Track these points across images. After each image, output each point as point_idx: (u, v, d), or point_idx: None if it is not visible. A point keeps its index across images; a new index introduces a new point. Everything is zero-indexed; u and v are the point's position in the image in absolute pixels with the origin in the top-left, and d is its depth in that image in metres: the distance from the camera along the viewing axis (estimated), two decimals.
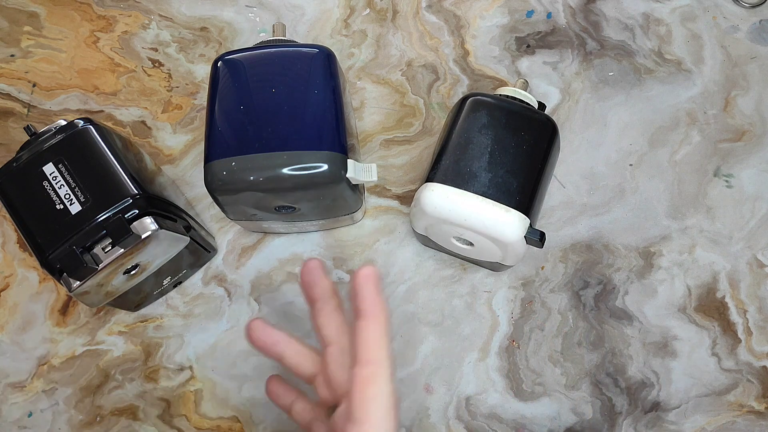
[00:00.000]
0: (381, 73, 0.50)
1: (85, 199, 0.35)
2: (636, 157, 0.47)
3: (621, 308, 0.43)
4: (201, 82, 0.50)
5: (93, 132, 0.37)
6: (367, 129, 0.48)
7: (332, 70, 0.40)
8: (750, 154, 0.47)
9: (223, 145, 0.37)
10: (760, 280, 0.44)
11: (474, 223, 0.37)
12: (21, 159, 0.36)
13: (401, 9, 0.52)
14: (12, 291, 0.44)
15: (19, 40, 0.51)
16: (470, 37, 0.51)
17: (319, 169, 0.36)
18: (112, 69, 0.50)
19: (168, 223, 0.37)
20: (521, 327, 0.43)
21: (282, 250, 0.45)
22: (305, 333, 0.43)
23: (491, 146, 0.38)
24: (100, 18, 0.52)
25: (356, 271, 0.30)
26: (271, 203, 0.39)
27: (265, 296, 0.44)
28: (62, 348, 0.43)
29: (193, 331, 0.44)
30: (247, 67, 0.39)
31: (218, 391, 0.42)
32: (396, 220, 0.46)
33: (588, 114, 0.48)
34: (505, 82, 0.49)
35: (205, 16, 0.52)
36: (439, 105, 0.49)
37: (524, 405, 0.42)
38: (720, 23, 0.51)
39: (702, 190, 0.46)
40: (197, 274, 0.45)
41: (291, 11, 0.52)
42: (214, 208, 0.46)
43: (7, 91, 0.50)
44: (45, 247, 0.35)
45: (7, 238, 0.46)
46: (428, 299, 0.44)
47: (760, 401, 0.41)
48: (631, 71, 0.49)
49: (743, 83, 0.49)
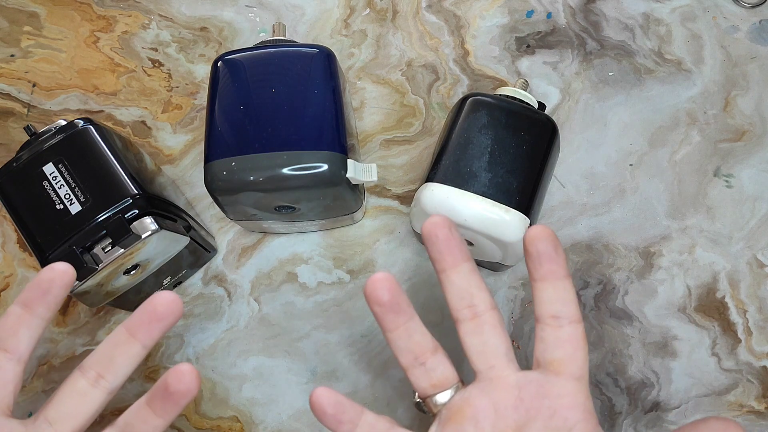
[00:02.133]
0: (381, 73, 0.50)
1: (85, 199, 0.35)
2: (636, 157, 0.47)
3: (621, 308, 0.43)
4: (201, 82, 0.50)
5: (93, 132, 0.37)
6: (367, 129, 0.48)
7: (332, 70, 0.40)
8: (750, 154, 0.47)
9: (223, 145, 0.37)
10: (760, 280, 0.44)
11: (474, 223, 0.37)
12: (21, 159, 0.36)
13: (401, 9, 0.52)
14: (12, 291, 0.44)
15: (19, 40, 0.51)
16: (470, 37, 0.51)
17: (319, 169, 0.36)
18: (112, 69, 0.50)
19: (168, 223, 0.37)
20: (521, 327, 0.43)
21: (282, 250, 0.45)
22: (305, 333, 0.43)
23: (491, 146, 0.38)
24: (100, 18, 0.52)
25: (529, 232, 0.30)
26: (271, 203, 0.39)
27: (265, 296, 0.44)
28: (62, 348, 0.43)
29: (192, 331, 0.44)
30: (247, 67, 0.39)
31: (218, 391, 0.42)
32: (396, 220, 0.46)
33: (588, 114, 0.48)
34: (505, 82, 0.49)
35: (205, 16, 0.52)
36: (439, 105, 0.49)
37: None
38: (720, 23, 0.51)
39: (702, 190, 0.46)
40: (197, 274, 0.45)
41: (291, 11, 0.52)
42: (214, 208, 0.46)
43: (7, 91, 0.50)
44: (45, 247, 0.35)
45: (7, 238, 0.46)
46: (428, 299, 0.44)
47: (760, 401, 0.41)
48: (631, 71, 0.50)
49: (743, 83, 0.49)
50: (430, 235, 0.31)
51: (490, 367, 0.31)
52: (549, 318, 0.31)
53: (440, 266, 0.31)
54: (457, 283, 0.31)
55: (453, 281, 0.31)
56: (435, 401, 0.32)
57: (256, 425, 0.42)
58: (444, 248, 0.31)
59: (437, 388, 0.32)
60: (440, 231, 0.31)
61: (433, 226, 0.31)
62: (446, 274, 0.31)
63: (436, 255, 0.31)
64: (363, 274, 0.44)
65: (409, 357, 0.32)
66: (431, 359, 0.32)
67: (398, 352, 0.32)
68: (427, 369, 0.32)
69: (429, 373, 0.32)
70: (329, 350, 0.43)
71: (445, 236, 0.31)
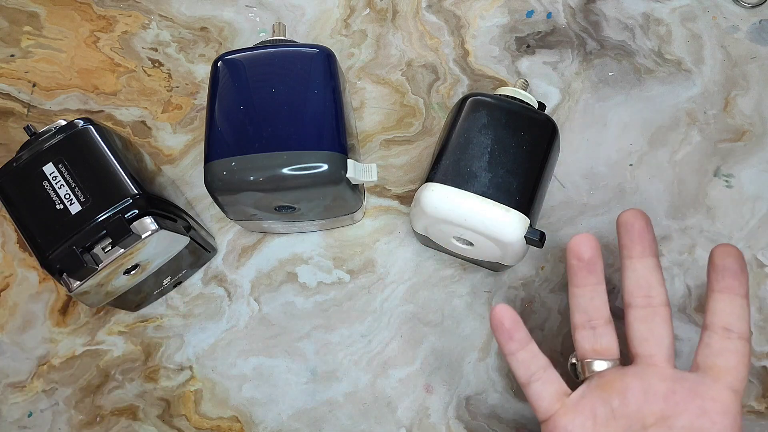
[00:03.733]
0: (381, 73, 0.50)
1: (85, 199, 0.35)
2: (636, 157, 0.47)
3: (621, 308, 0.43)
4: (201, 82, 0.50)
5: (93, 132, 0.37)
6: (367, 129, 0.48)
7: (332, 70, 0.40)
8: (750, 154, 0.47)
9: (223, 145, 0.37)
10: (760, 280, 0.44)
11: (474, 223, 0.37)
12: (21, 159, 0.36)
13: (401, 9, 0.52)
14: (12, 291, 0.44)
15: (19, 40, 0.51)
16: (470, 37, 0.51)
17: (319, 169, 0.36)
18: (112, 69, 0.50)
19: (168, 223, 0.37)
20: None
21: (282, 250, 0.45)
22: (305, 333, 0.43)
23: (491, 146, 0.38)
24: (100, 18, 0.52)
25: (719, 247, 0.33)
26: (271, 203, 0.39)
27: (265, 296, 0.44)
28: (62, 348, 0.43)
29: (193, 331, 0.44)
30: (247, 67, 0.39)
31: (218, 391, 0.42)
32: (396, 220, 0.46)
33: (588, 114, 0.48)
34: (505, 82, 0.49)
35: (205, 16, 0.52)
36: (439, 105, 0.49)
37: (524, 405, 0.42)
38: (720, 23, 0.51)
39: (702, 190, 0.46)
40: (197, 274, 0.45)
41: (291, 11, 0.52)
42: (214, 208, 0.46)
43: (7, 91, 0.50)
44: (45, 247, 0.35)
45: (7, 238, 0.46)
46: (428, 299, 0.44)
47: (760, 401, 0.41)
48: (631, 71, 0.49)
49: (743, 83, 0.49)
50: (626, 222, 0.33)
51: (650, 355, 0.32)
52: (719, 328, 0.32)
53: (628, 253, 0.34)
54: (641, 272, 0.33)
55: (636, 269, 0.33)
56: (591, 367, 0.33)
57: (256, 425, 0.42)
58: (637, 238, 0.33)
59: (598, 354, 0.33)
60: (638, 221, 0.33)
61: (632, 214, 0.33)
62: (632, 261, 0.33)
63: (628, 242, 0.33)
64: (363, 274, 0.44)
65: (584, 317, 0.34)
66: (603, 327, 0.34)
67: (575, 309, 0.34)
68: (596, 334, 0.33)
69: (596, 339, 0.33)
70: (329, 350, 0.43)
71: (641, 227, 0.33)
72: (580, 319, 0.34)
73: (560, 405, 0.33)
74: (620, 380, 0.32)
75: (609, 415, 0.31)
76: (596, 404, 0.32)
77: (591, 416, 0.32)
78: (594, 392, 0.32)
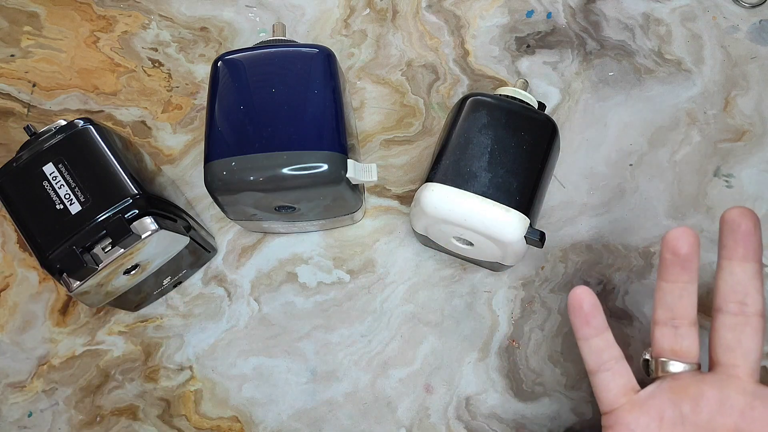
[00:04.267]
0: (381, 73, 0.50)
1: (85, 199, 0.35)
2: (636, 157, 0.47)
3: (621, 308, 0.43)
4: (201, 82, 0.50)
5: (93, 132, 0.37)
6: (367, 129, 0.48)
7: (332, 70, 0.40)
8: (750, 154, 0.47)
9: (223, 145, 0.37)
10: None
11: (474, 223, 0.37)
12: (21, 159, 0.36)
13: (401, 9, 0.52)
14: (12, 291, 0.44)
15: (19, 40, 0.51)
16: (470, 37, 0.51)
17: (319, 169, 0.36)
18: (112, 69, 0.50)
19: (168, 223, 0.37)
20: (521, 327, 0.43)
21: (282, 250, 0.45)
22: (305, 333, 0.43)
23: (491, 146, 0.38)
24: (100, 18, 0.52)
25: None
26: (271, 203, 0.39)
27: (265, 296, 0.44)
28: (62, 348, 0.43)
29: (193, 331, 0.44)
30: (247, 67, 0.39)
31: (218, 391, 0.42)
32: (396, 220, 0.46)
33: (588, 114, 0.48)
34: (505, 82, 0.49)
35: (205, 16, 0.52)
36: (439, 105, 0.49)
37: (524, 405, 0.42)
38: (720, 23, 0.51)
39: (702, 190, 0.46)
40: (197, 274, 0.45)
41: (291, 11, 0.52)
42: (214, 208, 0.46)
43: (7, 91, 0.50)
44: (45, 247, 0.35)
45: (7, 238, 0.46)
46: (428, 299, 0.44)
47: None
48: (631, 71, 0.50)
49: (743, 83, 0.49)
50: (732, 221, 0.31)
51: (733, 366, 0.30)
52: None
53: (728, 254, 0.31)
54: (739, 276, 0.31)
55: (734, 272, 0.31)
56: (666, 367, 0.32)
57: (256, 425, 0.42)
58: (741, 239, 0.31)
59: (676, 355, 0.32)
60: (745, 221, 0.31)
61: (739, 213, 0.31)
62: (731, 263, 0.31)
63: (730, 242, 0.31)
64: (363, 274, 0.44)
65: (667, 314, 0.32)
66: (686, 328, 0.32)
67: (660, 304, 0.32)
68: (678, 334, 0.32)
69: (677, 338, 0.32)
70: (329, 350, 0.43)
71: (747, 228, 0.31)
72: (662, 316, 0.32)
73: (626, 400, 0.32)
74: (696, 386, 0.30)
75: (677, 420, 0.30)
76: (665, 406, 0.31)
77: (657, 417, 0.31)
78: (665, 393, 0.31)
